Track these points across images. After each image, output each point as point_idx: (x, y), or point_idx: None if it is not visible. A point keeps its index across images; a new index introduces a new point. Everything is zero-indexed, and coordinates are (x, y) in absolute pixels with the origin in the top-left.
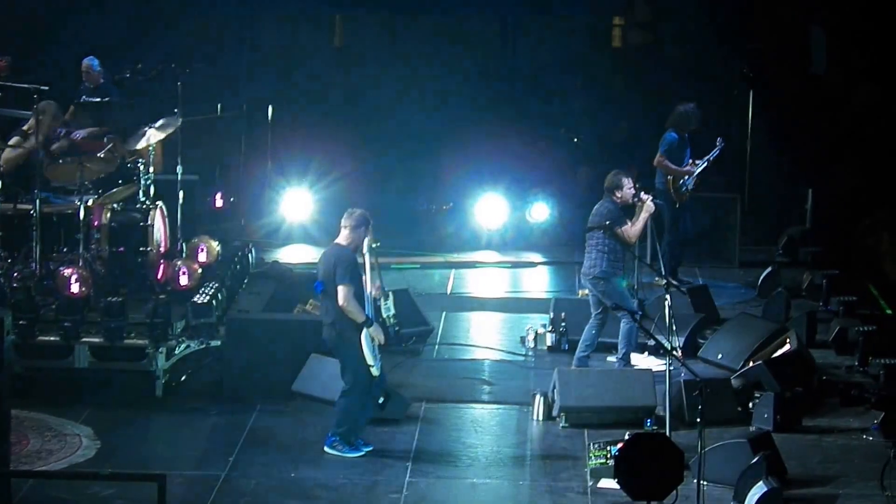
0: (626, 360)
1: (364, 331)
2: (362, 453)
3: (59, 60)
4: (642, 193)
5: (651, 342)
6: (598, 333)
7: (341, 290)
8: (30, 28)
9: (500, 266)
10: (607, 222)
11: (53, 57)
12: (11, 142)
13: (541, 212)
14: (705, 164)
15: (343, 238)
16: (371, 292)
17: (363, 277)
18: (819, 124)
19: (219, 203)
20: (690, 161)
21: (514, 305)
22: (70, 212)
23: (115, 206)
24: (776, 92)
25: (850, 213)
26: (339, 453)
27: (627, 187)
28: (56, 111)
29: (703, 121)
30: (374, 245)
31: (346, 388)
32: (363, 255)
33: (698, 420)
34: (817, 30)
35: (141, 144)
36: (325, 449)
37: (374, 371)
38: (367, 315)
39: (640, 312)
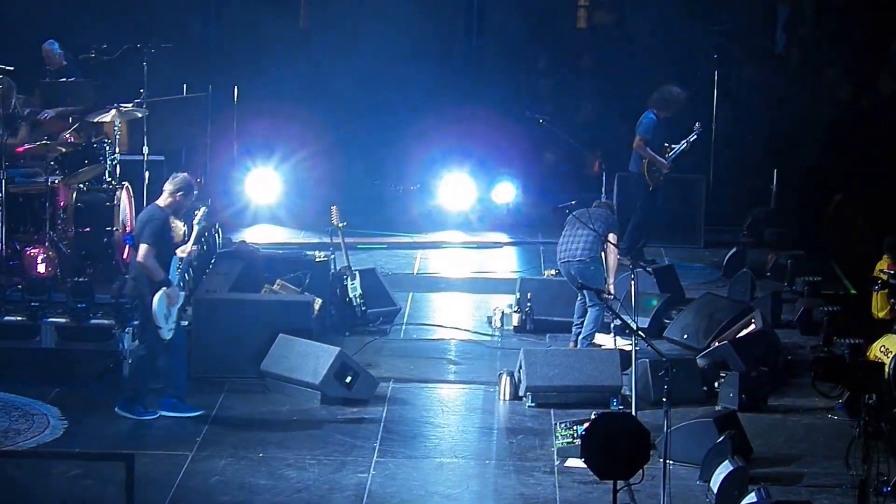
0: (590, 341)
1: (160, 291)
2: (142, 417)
3: (22, 42)
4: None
5: (617, 322)
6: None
7: (141, 248)
8: None
9: (466, 246)
10: (610, 233)
11: (16, 39)
12: None
13: (507, 192)
14: (683, 147)
15: (161, 199)
16: (181, 256)
17: (174, 241)
18: (784, 105)
19: None
20: (666, 145)
21: (481, 286)
22: (36, 192)
23: (81, 186)
24: (742, 72)
25: (814, 194)
26: (130, 415)
27: None
28: (9, 84)
29: (682, 104)
30: (340, 225)
31: (140, 346)
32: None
33: (664, 400)
34: (784, 8)
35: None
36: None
37: (164, 334)
38: (167, 276)
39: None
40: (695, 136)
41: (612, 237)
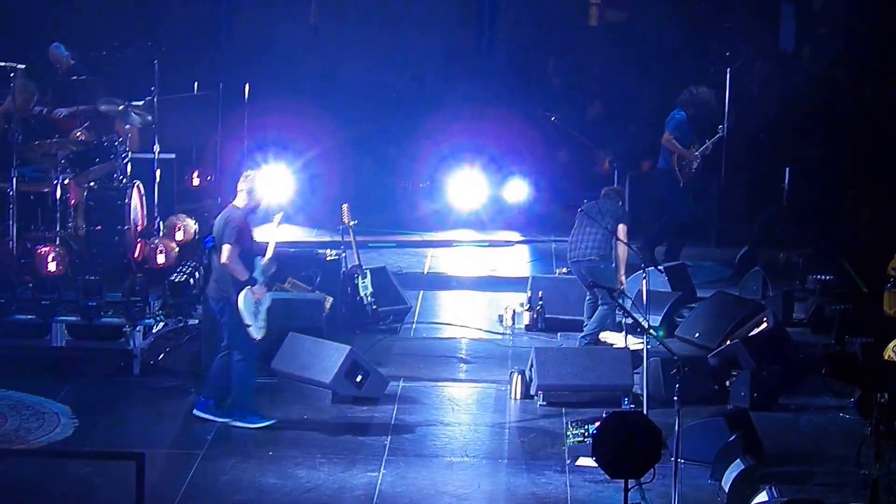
0: (590, 340)
1: (245, 290)
2: (263, 424)
3: (30, 42)
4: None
5: (628, 321)
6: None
7: (224, 249)
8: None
9: (477, 244)
10: (620, 224)
11: (24, 38)
12: None
13: (518, 190)
14: (708, 146)
15: (238, 200)
16: (264, 260)
17: (254, 238)
18: (796, 103)
19: (195, 181)
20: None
21: (492, 284)
22: (47, 190)
23: (91, 184)
24: (754, 70)
25: (826, 192)
26: (242, 423)
27: None
28: (32, 88)
29: (712, 105)
30: (351, 223)
31: (236, 354)
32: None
33: (675, 398)
34: (788, 8)
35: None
36: (196, 412)
37: (254, 332)
38: (251, 275)
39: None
40: (716, 139)
41: (621, 230)
